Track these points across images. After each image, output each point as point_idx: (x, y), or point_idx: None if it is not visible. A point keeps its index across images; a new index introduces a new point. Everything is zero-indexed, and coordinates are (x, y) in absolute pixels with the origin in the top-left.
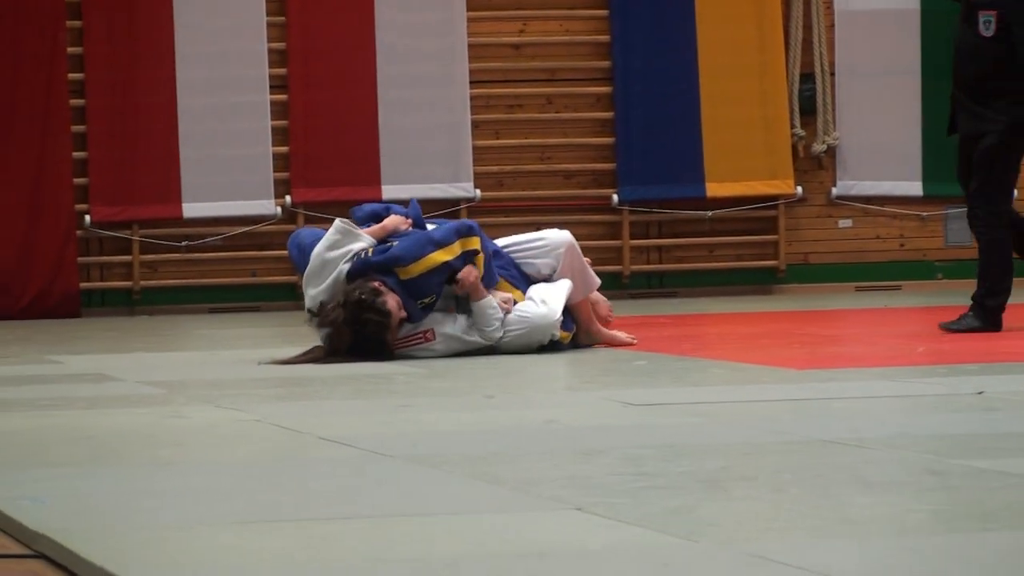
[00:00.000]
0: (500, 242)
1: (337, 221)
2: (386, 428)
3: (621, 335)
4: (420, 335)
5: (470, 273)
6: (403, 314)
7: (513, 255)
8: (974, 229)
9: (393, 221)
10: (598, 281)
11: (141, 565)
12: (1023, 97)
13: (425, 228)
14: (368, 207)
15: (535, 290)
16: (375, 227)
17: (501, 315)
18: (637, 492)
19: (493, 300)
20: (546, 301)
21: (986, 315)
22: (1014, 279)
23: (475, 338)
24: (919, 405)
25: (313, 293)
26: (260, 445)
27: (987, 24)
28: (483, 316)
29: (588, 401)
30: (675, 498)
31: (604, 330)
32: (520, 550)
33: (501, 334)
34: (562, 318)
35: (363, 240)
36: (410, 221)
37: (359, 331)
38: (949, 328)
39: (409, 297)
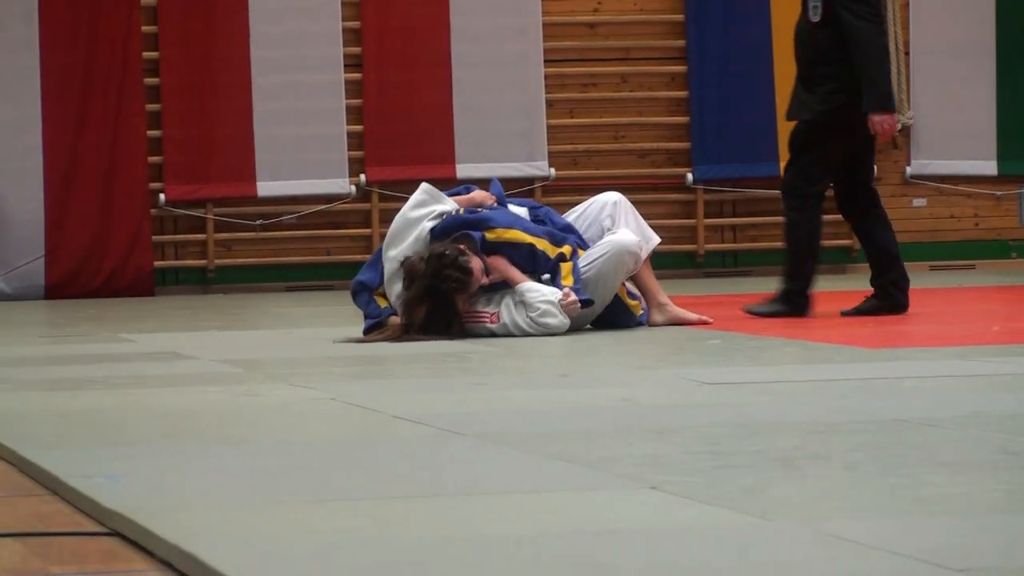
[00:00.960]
0: None
1: (423, 183)
2: (460, 406)
3: (692, 315)
4: (487, 315)
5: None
6: (485, 280)
7: None
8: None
9: (480, 194)
10: (658, 238)
11: (215, 543)
12: (845, 84)
13: (507, 208)
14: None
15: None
16: (461, 197)
17: (551, 298)
18: (711, 471)
19: (539, 284)
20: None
21: (790, 299)
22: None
23: (534, 329)
24: (993, 384)
25: (393, 254)
26: (334, 424)
27: (815, 9)
28: (525, 301)
29: (662, 380)
30: (749, 477)
31: (673, 306)
32: (595, 528)
33: (557, 321)
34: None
35: (449, 204)
36: (495, 198)
37: (436, 287)
38: (754, 312)
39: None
